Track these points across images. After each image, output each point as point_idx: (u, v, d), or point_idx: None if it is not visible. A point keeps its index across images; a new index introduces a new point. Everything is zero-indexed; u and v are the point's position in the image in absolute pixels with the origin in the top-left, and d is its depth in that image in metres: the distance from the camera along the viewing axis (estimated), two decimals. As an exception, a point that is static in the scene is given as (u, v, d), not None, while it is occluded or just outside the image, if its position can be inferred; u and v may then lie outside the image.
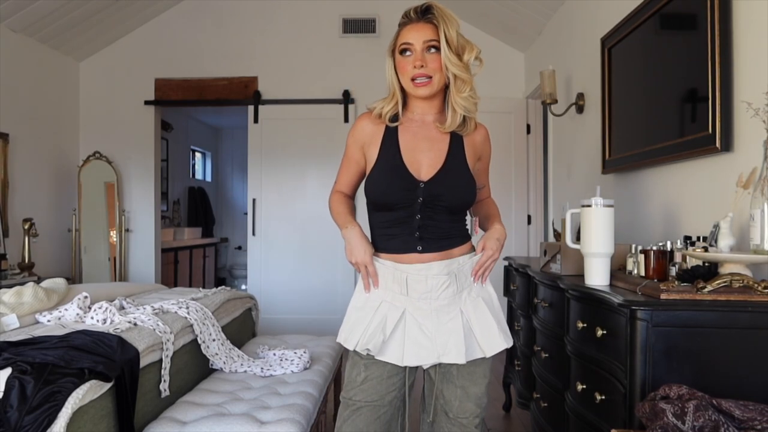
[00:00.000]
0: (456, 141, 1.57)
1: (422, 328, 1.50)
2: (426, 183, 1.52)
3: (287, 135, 5.07)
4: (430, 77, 1.50)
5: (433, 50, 1.50)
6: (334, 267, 4.95)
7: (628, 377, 1.48)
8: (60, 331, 1.97)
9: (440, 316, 1.51)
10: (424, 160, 1.54)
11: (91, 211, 5.02)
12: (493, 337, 1.53)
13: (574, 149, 3.67)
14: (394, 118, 1.59)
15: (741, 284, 1.45)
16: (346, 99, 5.01)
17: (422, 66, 1.49)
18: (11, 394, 1.52)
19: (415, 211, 1.52)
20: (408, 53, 1.51)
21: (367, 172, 1.59)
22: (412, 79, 1.51)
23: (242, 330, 3.02)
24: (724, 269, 1.56)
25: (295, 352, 2.55)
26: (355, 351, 1.57)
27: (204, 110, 7.39)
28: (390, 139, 1.57)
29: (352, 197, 1.70)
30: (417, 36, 1.50)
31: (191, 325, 2.33)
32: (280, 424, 1.85)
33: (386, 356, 1.51)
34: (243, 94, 5.10)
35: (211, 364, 2.43)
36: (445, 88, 1.55)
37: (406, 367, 1.56)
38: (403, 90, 1.57)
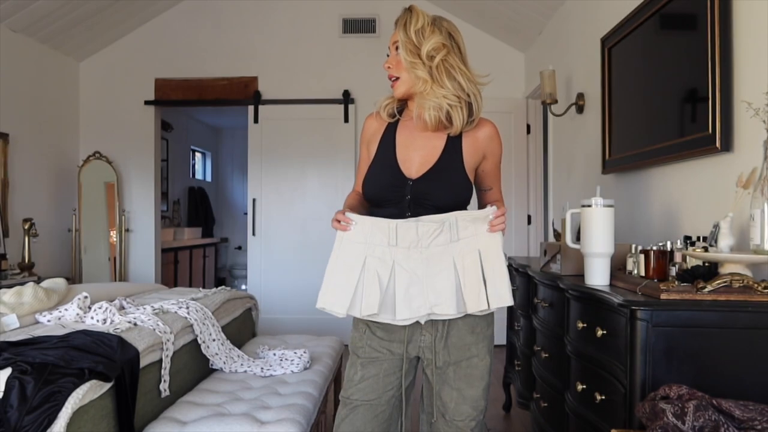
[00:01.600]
0: (453, 139, 1.56)
1: (413, 279, 1.45)
2: (414, 181, 1.53)
3: (287, 135, 5.07)
4: (397, 78, 1.55)
5: (397, 50, 1.55)
6: (334, 267, 4.94)
7: (628, 377, 1.48)
8: (60, 331, 1.98)
9: (431, 265, 1.46)
10: (416, 158, 1.56)
11: (91, 211, 5.02)
12: (480, 295, 1.45)
13: (574, 149, 3.67)
14: (394, 114, 1.62)
15: (741, 284, 1.45)
16: (346, 99, 5.01)
17: (389, 67, 1.56)
18: (11, 394, 1.52)
19: (405, 208, 1.53)
20: (388, 55, 1.58)
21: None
22: (389, 79, 1.58)
23: (242, 330, 3.02)
24: (724, 269, 1.55)
25: (295, 352, 2.55)
26: (352, 351, 1.58)
27: (204, 110, 7.39)
28: (388, 135, 1.61)
29: None
30: (392, 38, 1.56)
31: (191, 325, 2.33)
32: (280, 424, 1.85)
33: (381, 317, 1.46)
34: (243, 94, 5.10)
35: (211, 364, 2.43)
36: None
37: (403, 365, 1.56)
38: None
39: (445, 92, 1.50)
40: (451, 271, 1.46)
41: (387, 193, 1.54)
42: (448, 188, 1.52)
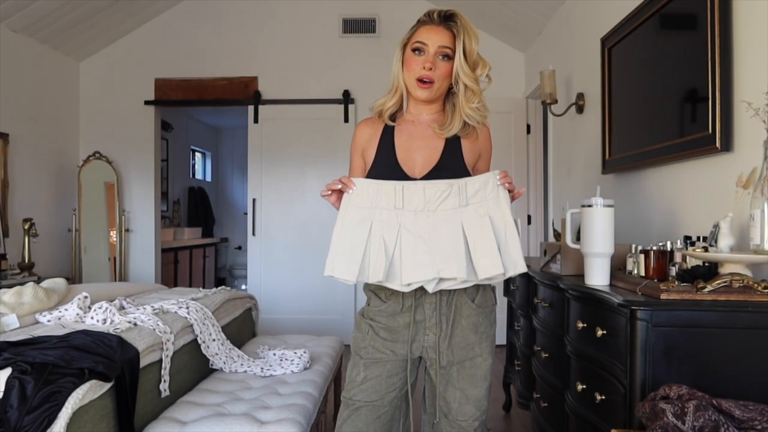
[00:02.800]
0: (452, 140, 1.57)
1: (419, 242, 1.42)
2: (419, 180, 1.53)
3: (287, 135, 5.07)
4: (433, 82, 1.53)
5: (443, 58, 1.53)
6: (334, 267, 4.94)
7: (628, 377, 1.48)
8: (60, 331, 1.98)
9: (438, 227, 1.43)
10: (418, 158, 1.56)
11: (91, 211, 5.02)
12: (491, 259, 1.41)
13: (574, 149, 3.67)
14: (393, 117, 1.62)
15: (741, 284, 1.45)
16: (346, 99, 5.01)
17: (431, 69, 1.52)
18: (11, 394, 1.52)
19: None
20: (419, 53, 1.54)
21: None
22: (418, 79, 1.53)
23: (242, 330, 3.02)
24: (724, 269, 1.55)
25: (295, 352, 2.55)
26: (355, 351, 1.58)
27: (204, 110, 7.39)
28: (386, 138, 1.60)
29: None
30: (433, 39, 1.52)
31: (191, 325, 2.33)
32: (280, 424, 1.85)
33: (388, 284, 1.44)
34: (243, 94, 5.10)
35: (211, 364, 2.43)
36: (447, 93, 1.59)
37: (406, 366, 1.56)
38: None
39: (485, 113, 1.57)
40: (459, 235, 1.43)
41: None
42: None
